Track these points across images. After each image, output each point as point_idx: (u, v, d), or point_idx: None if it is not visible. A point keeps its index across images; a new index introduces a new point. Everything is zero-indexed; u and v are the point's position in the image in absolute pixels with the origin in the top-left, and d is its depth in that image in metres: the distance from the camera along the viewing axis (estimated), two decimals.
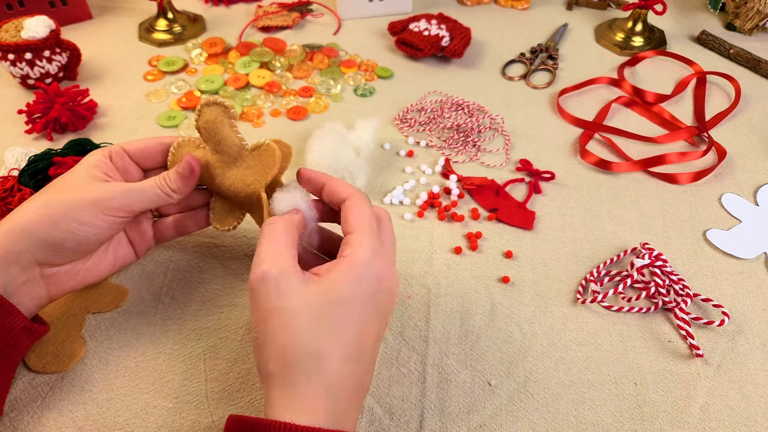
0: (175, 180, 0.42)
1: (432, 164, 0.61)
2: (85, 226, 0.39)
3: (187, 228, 0.48)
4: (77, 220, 0.38)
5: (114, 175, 0.42)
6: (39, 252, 0.38)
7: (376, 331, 0.36)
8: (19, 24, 0.65)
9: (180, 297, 0.48)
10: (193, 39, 0.79)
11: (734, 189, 0.59)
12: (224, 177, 0.43)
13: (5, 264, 0.37)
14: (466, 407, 0.42)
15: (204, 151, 0.44)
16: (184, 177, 0.42)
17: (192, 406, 0.41)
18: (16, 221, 0.38)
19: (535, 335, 0.46)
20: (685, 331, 0.46)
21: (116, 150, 0.43)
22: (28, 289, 0.39)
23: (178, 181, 0.42)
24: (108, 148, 0.43)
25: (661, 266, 0.49)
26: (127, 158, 0.44)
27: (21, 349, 0.38)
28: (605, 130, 0.66)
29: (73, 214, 0.38)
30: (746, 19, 0.81)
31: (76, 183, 0.40)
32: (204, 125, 0.43)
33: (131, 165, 0.44)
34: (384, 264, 0.36)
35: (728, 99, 0.71)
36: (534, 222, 0.55)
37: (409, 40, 0.74)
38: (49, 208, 0.38)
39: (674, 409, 0.42)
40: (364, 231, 0.36)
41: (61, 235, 0.38)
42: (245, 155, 0.43)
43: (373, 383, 0.42)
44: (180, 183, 0.42)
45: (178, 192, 0.42)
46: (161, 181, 0.42)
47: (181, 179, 0.42)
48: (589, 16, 0.87)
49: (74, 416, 0.40)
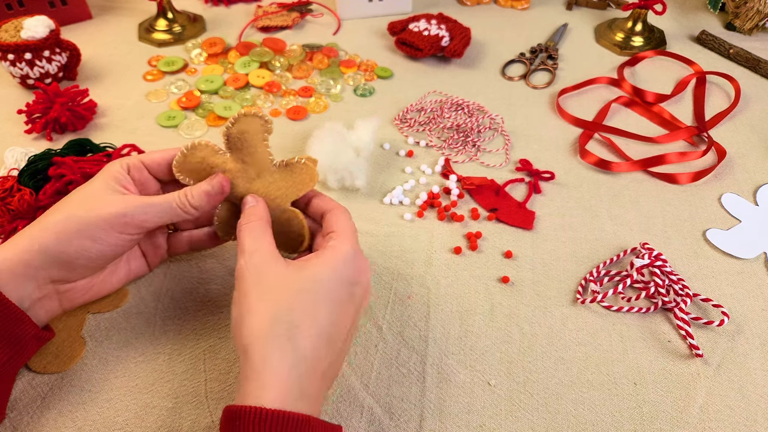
0: (200, 197, 0.41)
1: (432, 164, 0.61)
2: (97, 244, 0.38)
3: (203, 244, 0.47)
4: (90, 237, 0.38)
5: (131, 189, 0.41)
6: (53, 269, 0.38)
7: (350, 323, 0.37)
8: (19, 24, 0.65)
9: (179, 297, 0.48)
10: (192, 39, 0.79)
11: (734, 189, 0.59)
12: (245, 188, 0.43)
13: (23, 279, 0.37)
14: (466, 407, 0.42)
15: (224, 159, 0.43)
16: (210, 195, 0.41)
17: (191, 406, 0.41)
18: (36, 237, 0.37)
19: (534, 335, 0.46)
20: (684, 331, 0.46)
21: (134, 163, 0.42)
22: (43, 303, 0.39)
23: (203, 199, 0.41)
24: (126, 160, 0.42)
25: (660, 266, 0.49)
26: (145, 171, 0.43)
27: (28, 355, 0.38)
28: (605, 130, 0.66)
29: (88, 231, 0.38)
30: (746, 18, 0.81)
31: (94, 196, 0.39)
32: (238, 135, 0.42)
33: (149, 178, 0.43)
34: (363, 263, 0.39)
35: (728, 99, 0.71)
36: (534, 222, 0.55)
37: (408, 40, 0.74)
38: (67, 224, 0.38)
39: (674, 409, 0.42)
40: (349, 233, 0.39)
41: (74, 253, 0.38)
42: (271, 170, 0.43)
43: (373, 383, 0.43)
44: (204, 201, 0.41)
45: (200, 210, 0.41)
46: (182, 199, 0.40)
47: (207, 198, 0.41)
48: (588, 16, 0.87)
49: (74, 416, 0.40)
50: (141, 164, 0.43)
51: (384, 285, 0.49)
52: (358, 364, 0.44)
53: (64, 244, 0.37)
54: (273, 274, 0.36)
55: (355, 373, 0.43)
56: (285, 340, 0.33)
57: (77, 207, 0.39)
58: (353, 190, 0.57)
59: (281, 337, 0.33)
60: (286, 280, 0.35)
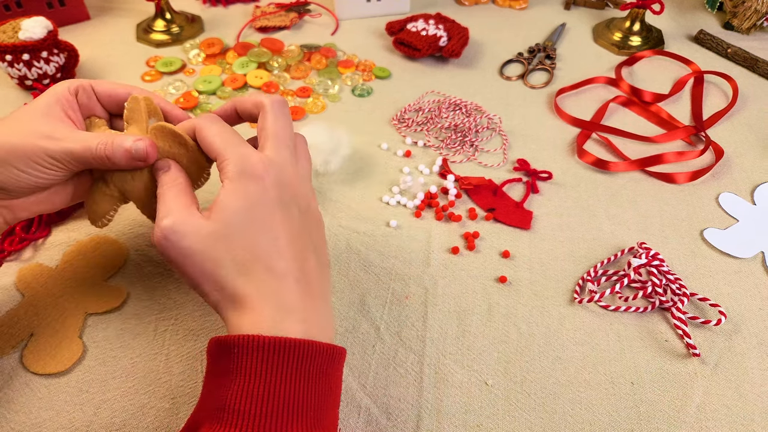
0: (120, 155, 0.37)
1: (429, 164, 0.61)
2: (23, 174, 0.37)
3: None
4: (15, 167, 0.36)
5: (74, 114, 0.40)
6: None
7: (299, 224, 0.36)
8: (17, 25, 0.65)
9: (177, 298, 0.48)
10: (190, 39, 0.79)
11: (731, 188, 0.59)
12: None
13: None
14: (463, 407, 0.42)
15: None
16: (130, 158, 0.37)
17: (189, 406, 0.41)
18: None
19: (532, 335, 0.46)
20: (681, 330, 0.46)
21: (85, 86, 0.41)
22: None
23: (123, 159, 0.37)
24: (75, 82, 0.40)
25: (658, 266, 0.49)
26: (94, 98, 0.42)
27: None
28: (603, 129, 0.66)
29: (12, 160, 0.36)
30: (744, 18, 0.81)
31: (25, 122, 0.37)
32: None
33: (97, 105, 0.42)
34: (297, 177, 0.37)
35: (726, 98, 0.71)
36: (531, 222, 0.55)
37: (406, 40, 0.74)
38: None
39: (671, 408, 0.42)
40: (278, 142, 0.37)
41: (3, 178, 0.37)
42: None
43: (370, 383, 0.43)
44: (123, 162, 0.38)
45: (118, 166, 0.38)
46: (102, 151, 0.37)
47: (127, 159, 0.37)
48: (586, 16, 0.87)
49: (71, 417, 0.40)
50: (91, 90, 0.41)
51: (381, 285, 0.49)
52: (356, 364, 0.44)
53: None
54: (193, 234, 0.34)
55: (352, 373, 0.43)
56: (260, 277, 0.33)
57: (8, 131, 0.37)
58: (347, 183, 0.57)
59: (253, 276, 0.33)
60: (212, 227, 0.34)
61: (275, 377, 0.31)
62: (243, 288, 0.33)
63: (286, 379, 0.31)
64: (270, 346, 0.31)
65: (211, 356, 0.34)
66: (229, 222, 0.34)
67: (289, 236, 0.35)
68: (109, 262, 0.50)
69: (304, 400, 0.31)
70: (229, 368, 0.31)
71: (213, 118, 0.39)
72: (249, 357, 0.31)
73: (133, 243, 0.52)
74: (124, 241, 0.52)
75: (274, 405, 0.30)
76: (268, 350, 0.31)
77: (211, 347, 0.34)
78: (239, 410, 0.30)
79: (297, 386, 0.31)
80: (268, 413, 0.30)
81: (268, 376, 0.31)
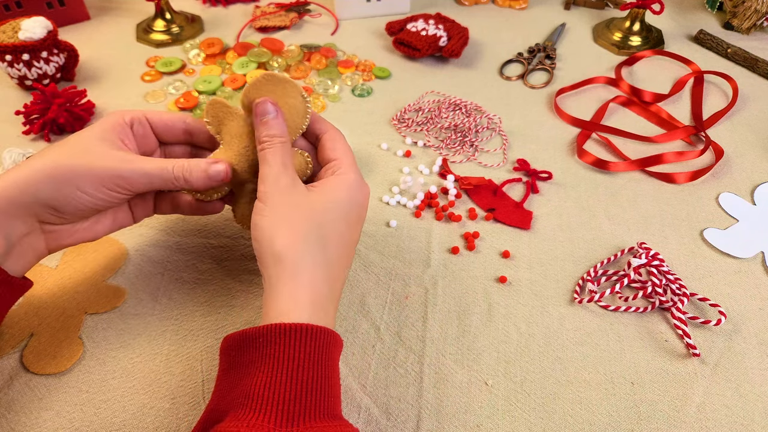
0: (198, 178, 0.40)
1: (429, 164, 0.61)
2: (86, 196, 0.38)
3: (181, 207, 0.46)
4: (80, 188, 0.38)
5: (130, 143, 0.41)
6: (39, 210, 0.38)
7: (357, 238, 0.42)
8: (17, 25, 0.65)
9: (177, 298, 0.48)
10: (190, 39, 0.79)
11: (731, 188, 0.59)
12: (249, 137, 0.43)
13: (8, 217, 0.37)
14: (463, 407, 0.42)
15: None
16: (209, 179, 0.41)
17: (189, 407, 0.41)
18: (21, 176, 0.37)
19: (532, 335, 0.46)
20: (681, 330, 0.46)
21: (139, 117, 0.42)
22: (30, 240, 0.39)
23: (201, 181, 0.40)
24: (129, 113, 0.42)
25: (658, 266, 0.49)
26: (149, 128, 0.43)
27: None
28: (603, 129, 0.66)
29: (78, 182, 0.38)
30: (744, 18, 0.81)
31: (88, 146, 0.39)
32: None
33: (150, 135, 0.43)
34: (366, 188, 0.42)
35: (726, 98, 0.71)
36: (531, 222, 0.55)
37: (406, 40, 0.74)
38: (56, 171, 0.37)
39: (671, 408, 0.42)
40: (351, 161, 0.42)
41: (63, 200, 0.38)
42: None
43: (370, 383, 0.43)
44: (201, 183, 0.41)
45: (194, 188, 0.41)
46: (179, 174, 0.40)
47: (205, 181, 0.41)
48: (586, 16, 0.87)
49: (71, 417, 0.40)
50: (145, 120, 0.42)
51: (381, 285, 0.49)
52: (356, 364, 0.44)
53: (53, 190, 0.37)
54: (299, 195, 0.38)
55: (352, 373, 0.43)
56: (318, 247, 0.37)
57: (69, 155, 0.38)
58: None
59: (314, 245, 0.37)
60: (311, 201, 0.38)
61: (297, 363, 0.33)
62: (313, 254, 0.37)
63: (305, 364, 0.33)
64: (293, 332, 0.33)
65: (229, 351, 0.35)
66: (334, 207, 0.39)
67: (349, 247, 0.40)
68: (109, 262, 0.50)
69: (322, 383, 0.33)
70: (253, 358, 0.33)
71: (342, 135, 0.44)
72: (276, 344, 0.33)
73: (133, 243, 0.52)
74: (124, 241, 0.52)
75: (296, 390, 0.32)
76: (290, 336, 0.33)
77: (229, 343, 0.35)
78: (265, 396, 0.31)
79: (315, 371, 0.33)
80: (290, 399, 0.32)
81: (291, 362, 0.33)
